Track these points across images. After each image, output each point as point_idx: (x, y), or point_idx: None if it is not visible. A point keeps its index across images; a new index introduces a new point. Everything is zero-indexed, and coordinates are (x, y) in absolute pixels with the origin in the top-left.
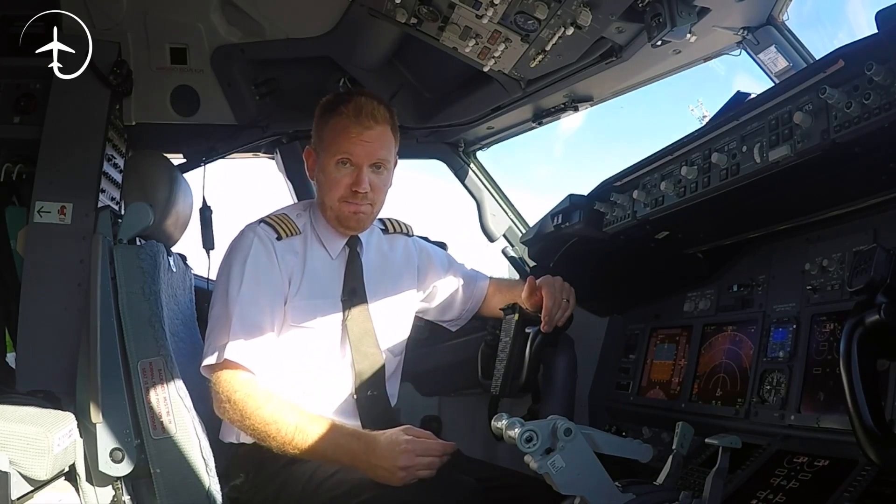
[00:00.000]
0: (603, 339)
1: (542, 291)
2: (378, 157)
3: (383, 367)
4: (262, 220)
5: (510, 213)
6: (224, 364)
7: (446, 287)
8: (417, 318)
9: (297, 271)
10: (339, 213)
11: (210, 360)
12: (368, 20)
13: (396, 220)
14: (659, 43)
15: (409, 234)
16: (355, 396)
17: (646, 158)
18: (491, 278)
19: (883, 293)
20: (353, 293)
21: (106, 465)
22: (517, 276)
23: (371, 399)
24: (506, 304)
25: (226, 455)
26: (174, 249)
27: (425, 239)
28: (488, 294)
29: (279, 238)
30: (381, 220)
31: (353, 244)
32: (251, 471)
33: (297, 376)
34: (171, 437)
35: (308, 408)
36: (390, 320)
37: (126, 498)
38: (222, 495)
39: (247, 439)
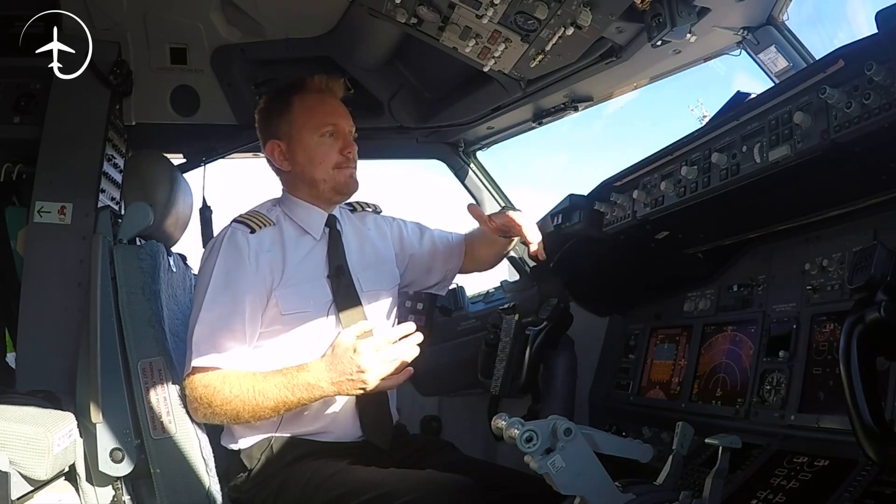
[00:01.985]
0: (603, 339)
1: (507, 215)
2: (351, 124)
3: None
4: (233, 220)
5: None
6: (192, 371)
7: (424, 252)
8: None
9: (278, 261)
10: (336, 181)
11: (185, 372)
12: (368, 20)
13: (364, 202)
14: (659, 43)
15: (377, 211)
16: None
17: (646, 158)
18: (465, 235)
19: (883, 291)
20: (340, 270)
21: (106, 465)
22: (517, 277)
23: None
24: (487, 247)
25: (227, 455)
26: (174, 249)
27: None
28: (468, 247)
29: (253, 231)
30: (347, 203)
31: (332, 223)
32: (252, 470)
33: (293, 362)
34: (171, 437)
35: None
36: (376, 294)
37: (126, 498)
38: (222, 495)
39: (246, 442)
